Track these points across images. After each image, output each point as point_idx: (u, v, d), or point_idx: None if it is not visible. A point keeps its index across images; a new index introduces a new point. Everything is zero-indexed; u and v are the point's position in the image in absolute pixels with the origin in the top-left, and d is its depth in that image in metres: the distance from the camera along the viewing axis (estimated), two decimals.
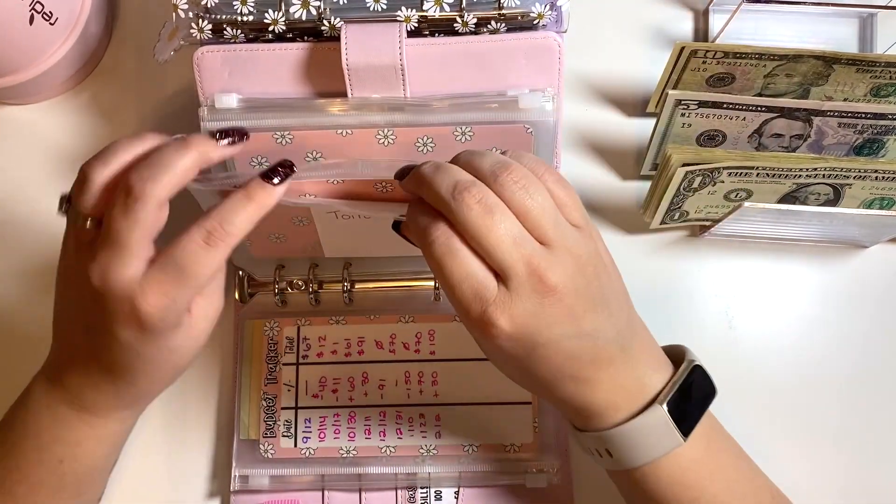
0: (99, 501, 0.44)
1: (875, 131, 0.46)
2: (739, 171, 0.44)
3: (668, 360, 0.38)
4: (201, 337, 0.37)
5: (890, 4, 0.51)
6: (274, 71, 0.43)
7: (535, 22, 0.42)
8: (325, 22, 0.41)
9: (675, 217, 0.49)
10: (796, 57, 0.45)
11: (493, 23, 0.42)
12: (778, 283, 0.52)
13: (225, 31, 0.42)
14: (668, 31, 0.54)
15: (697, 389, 0.37)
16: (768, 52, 0.45)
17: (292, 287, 0.49)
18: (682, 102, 0.44)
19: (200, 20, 0.42)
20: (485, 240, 0.32)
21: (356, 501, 0.48)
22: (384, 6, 0.41)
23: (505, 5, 0.41)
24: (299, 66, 0.43)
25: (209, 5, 0.41)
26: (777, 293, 0.51)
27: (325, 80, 0.43)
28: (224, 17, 0.41)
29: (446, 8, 0.41)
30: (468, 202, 0.32)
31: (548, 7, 0.41)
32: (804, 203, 0.47)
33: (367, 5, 0.41)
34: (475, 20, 0.42)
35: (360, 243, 0.48)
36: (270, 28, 0.42)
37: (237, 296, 0.50)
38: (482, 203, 0.32)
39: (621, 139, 0.53)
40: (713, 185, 0.46)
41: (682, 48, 0.45)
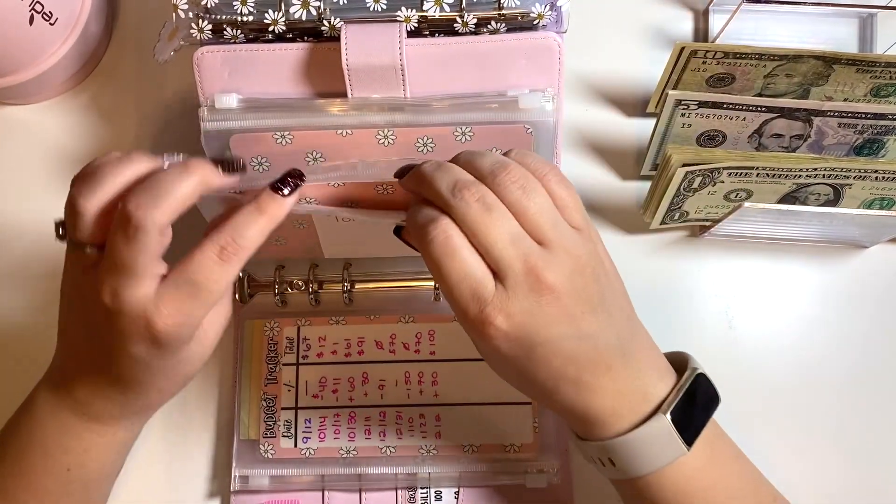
0: None
1: (875, 131, 0.46)
2: (739, 171, 0.44)
3: (670, 367, 0.38)
4: (211, 346, 0.37)
5: (890, 4, 0.51)
6: (274, 71, 0.43)
7: (535, 22, 0.42)
8: (325, 22, 0.41)
9: (675, 217, 0.49)
10: (796, 57, 0.45)
11: (493, 23, 0.42)
12: (778, 283, 0.51)
13: (225, 32, 0.42)
14: (668, 31, 0.54)
15: (701, 397, 0.37)
16: (768, 52, 0.45)
17: (292, 287, 0.49)
18: (682, 102, 0.44)
19: (200, 20, 0.42)
20: (483, 237, 0.32)
21: (356, 502, 0.48)
22: (384, 6, 0.41)
23: (505, 5, 0.41)
24: (299, 66, 0.42)
25: (209, 5, 0.41)
26: (777, 293, 0.51)
27: (325, 80, 0.43)
28: (224, 17, 0.41)
29: (446, 8, 0.41)
30: (467, 200, 0.33)
31: (548, 7, 0.41)
32: (804, 203, 0.47)
33: (367, 5, 0.41)
34: (475, 20, 0.42)
35: (359, 245, 0.48)
36: (270, 28, 0.42)
37: (237, 296, 0.50)
38: (481, 201, 0.33)
39: (621, 139, 0.53)
40: (713, 186, 0.46)
41: (682, 48, 0.45)
